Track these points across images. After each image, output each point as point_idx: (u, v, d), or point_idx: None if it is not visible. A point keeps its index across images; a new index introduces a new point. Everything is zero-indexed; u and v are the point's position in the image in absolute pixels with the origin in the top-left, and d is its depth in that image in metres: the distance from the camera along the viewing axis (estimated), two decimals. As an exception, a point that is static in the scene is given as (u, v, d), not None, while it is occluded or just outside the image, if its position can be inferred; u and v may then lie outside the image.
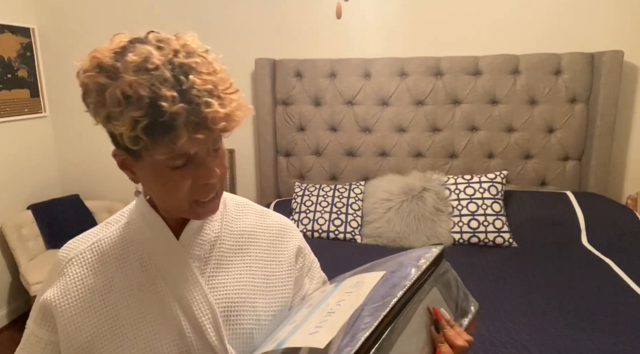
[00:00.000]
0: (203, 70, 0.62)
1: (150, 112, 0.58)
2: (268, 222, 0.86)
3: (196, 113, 0.59)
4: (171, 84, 0.59)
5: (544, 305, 1.63)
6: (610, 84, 2.35)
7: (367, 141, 2.66)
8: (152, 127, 0.59)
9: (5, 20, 2.68)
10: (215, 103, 0.60)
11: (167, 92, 0.58)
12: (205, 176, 0.66)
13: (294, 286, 0.85)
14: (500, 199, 2.32)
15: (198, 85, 0.60)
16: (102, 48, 0.64)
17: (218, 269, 0.76)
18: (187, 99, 0.59)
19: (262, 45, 2.75)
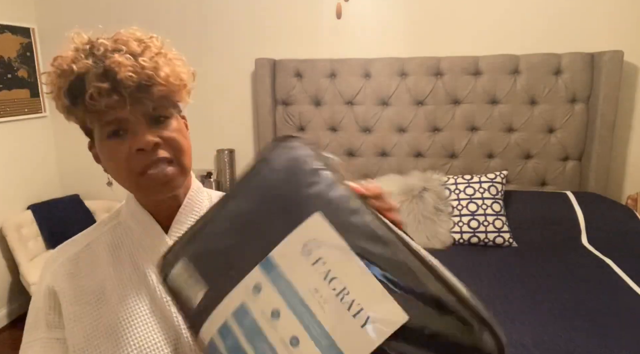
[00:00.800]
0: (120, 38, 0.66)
1: (67, 77, 0.64)
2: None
3: (100, 66, 0.63)
4: (83, 48, 0.65)
5: (544, 305, 1.63)
6: (610, 84, 2.35)
7: (367, 141, 2.66)
8: (70, 90, 0.64)
9: (5, 20, 2.68)
10: (117, 56, 0.64)
11: (76, 55, 0.65)
12: (136, 143, 0.65)
13: None
14: (500, 199, 2.32)
15: (107, 44, 0.65)
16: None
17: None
18: (93, 57, 0.64)
19: (262, 45, 2.75)
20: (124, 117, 0.65)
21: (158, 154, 0.67)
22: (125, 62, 0.63)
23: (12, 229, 2.59)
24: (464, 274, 1.90)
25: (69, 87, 0.64)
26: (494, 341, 0.45)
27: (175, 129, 0.70)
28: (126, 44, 0.65)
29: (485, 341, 0.45)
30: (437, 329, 0.45)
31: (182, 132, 0.71)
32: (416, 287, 0.47)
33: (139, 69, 0.64)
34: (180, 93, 0.71)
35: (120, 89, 0.63)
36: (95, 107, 0.63)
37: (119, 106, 0.64)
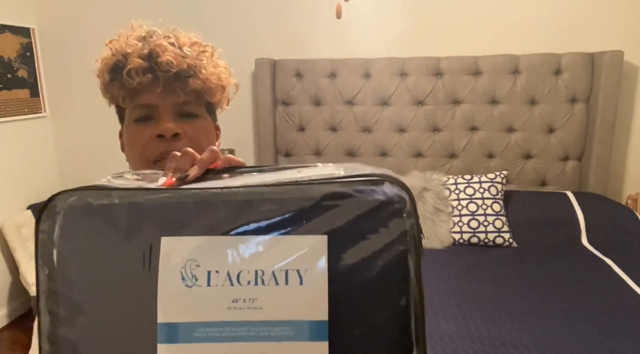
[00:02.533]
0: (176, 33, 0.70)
1: (115, 56, 0.68)
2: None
3: (147, 47, 0.65)
4: (139, 36, 0.69)
5: (544, 305, 1.63)
6: (610, 84, 2.35)
7: (367, 141, 2.66)
8: (113, 66, 0.67)
9: (5, 20, 2.67)
10: (164, 40, 0.66)
11: (129, 38, 0.68)
12: (156, 128, 0.65)
13: None
14: (500, 199, 2.32)
15: (159, 35, 0.68)
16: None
17: None
18: (142, 39, 0.67)
19: (262, 45, 2.75)
20: (155, 103, 0.66)
21: (176, 145, 0.65)
22: (169, 48, 0.65)
23: (12, 229, 2.59)
24: (464, 274, 1.90)
25: (113, 63, 0.67)
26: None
27: (201, 127, 0.69)
28: (179, 37, 0.68)
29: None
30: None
31: (208, 134, 0.70)
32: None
33: (180, 57, 0.65)
34: (216, 95, 0.70)
35: (157, 72, 0.64)
36: (130, 84, 0.64)
37: (152, 87, 0.65)
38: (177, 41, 0.67)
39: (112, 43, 0.69)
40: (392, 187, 0.40)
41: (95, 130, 2.97)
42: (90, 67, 0.74)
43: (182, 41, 0.68)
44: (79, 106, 2.95)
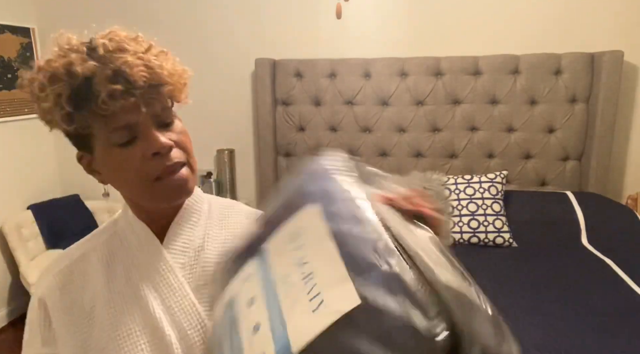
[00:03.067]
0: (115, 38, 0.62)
1: (68, 81, 0.59)
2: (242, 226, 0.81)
3: (110, 67, 0.59)
4: (80, 50, 0.61)
5: (544, 305, 1.63)
6: (610, 84, 2.35)
7: (367, 141, 2.66)
8: (74, 96, 0.59)
9: (5, 20, 2.67)
10: (126, 55, 0.60)
11: (76, 57, 0.60)
12: (151, 146, 0.62)
13: None
14: (500, 199, 2.32)
15: (108, 45, 0.61)
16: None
17: (204, 278, 0.71)
18: (97, 57, 0.60)
19: (262, 45, 2.75)
20: (134, 122, 0.61)
21: (173, 158, 0.64)
22: (135, 62, 0.60)
23: (12, 229, 2.59)
24: (464, 274, 1.90)
25: (72, 92, 0.59)
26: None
27: (181, 130, 0.68)
28: (127, 43, 0.62)
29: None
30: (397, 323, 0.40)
31: (186, 133, 0.69)
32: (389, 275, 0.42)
33: (148, 68, 0.61)
34: (183, 93, 0.69)
35: (133, 91, 0.59)
36: (107, 111, 0.59)
37: (134, 109, 0.60)
38: (131, 47, 0.62)
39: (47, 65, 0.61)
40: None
41: (95, 130, 2.97)
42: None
43: (134, 46, 0.62)
44: (79, 106, 2.95)
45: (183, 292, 0.68)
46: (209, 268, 0.71)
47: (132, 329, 0.66)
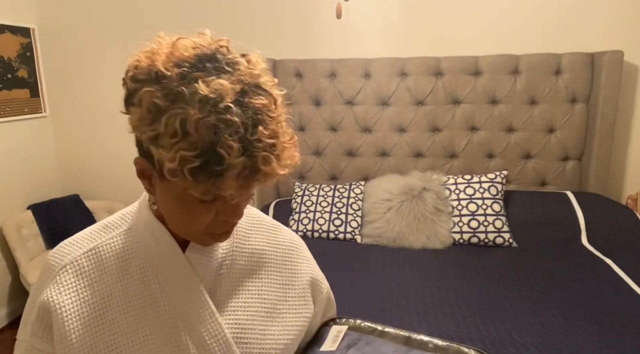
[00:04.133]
0: (269, 116, 0.57)
1: (205, 155, 0.52)
2: (280, 240, 0.80)
3: (252, 168, 0.55)
4: (237, 132, 0.53)
5: (544, 305, 1.63)
6: (610, 84, 2.35)
7: (367, 141, 2.66)
8: (201, 170, 0.53)
9: (5, 20, 2.68)
10: (274, 161, 0.56)
11: (231, 142, 0.52)
12: (231, 215, 0.62)
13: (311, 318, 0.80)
14: (500, 199, 2.32)
15: (263, 138, 0.55)
16: (161, 51, 0.57)
17: (227, 291, 0.69)
18: (248, 152, 0.54)
19: (262, 45, 2.75)
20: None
21: (234, 223, 0.65)
22: (276, 171, 0.57)
23: (12, 229, 2.59)
24: (464, 274, 1.90)
25: (203, 166, 0.53)
26: None
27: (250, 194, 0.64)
28: (277, 135, 0.57)
29: None
30: None
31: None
32: None
33: (282, 175, 0.58)
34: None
35: (257, 181, 0.57)
36: (225, 193, 0.56)
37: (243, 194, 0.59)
38: (263, 108, 0.56)
39: (193, 126, 0.52)
40: None
41: (95, 130, 2.97)
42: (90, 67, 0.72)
43: (266, 110, 0.56)
44: (79, 106, 2.95)
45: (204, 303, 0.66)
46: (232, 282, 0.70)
47: (149, 333, 0.64)
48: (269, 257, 0.77)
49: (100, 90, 2.90)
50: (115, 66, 2.85)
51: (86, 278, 0.66)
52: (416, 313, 1.59)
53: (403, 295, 1.71)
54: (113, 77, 2.87)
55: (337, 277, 1.87)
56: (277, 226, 0.82)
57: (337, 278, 1.87)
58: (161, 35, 0.61)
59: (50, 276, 0.67)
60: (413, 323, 1.52)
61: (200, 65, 0.55)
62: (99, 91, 2.90)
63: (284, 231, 0.83)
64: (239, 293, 0.71)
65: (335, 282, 1.82)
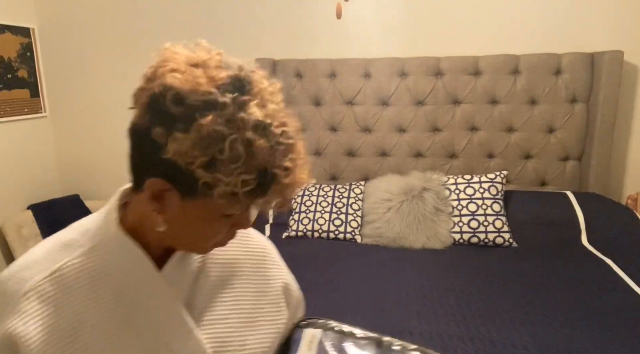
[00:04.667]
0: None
1: (262, 177, 0.55)
2: (251, 246, 0.79)
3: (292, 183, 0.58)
4: (285, 152, 0.57)
5: (544, 305, 1.63)
6: (610, 84, 2.35)
7: (367, 141, 2.66)
8: (255, 191, 0.55)
9: (5, 20, 2.67)
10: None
11: (284, 162, 0.56)
12: (244, 225, 0.64)
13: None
14: (500, 199, 2.32)
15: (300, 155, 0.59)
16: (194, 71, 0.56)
17: (204, 304, 0.68)
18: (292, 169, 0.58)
19: (262, 45, 2.75)
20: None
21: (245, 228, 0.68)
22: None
23: (12, 229, 2.59)
24: (464, 274, 1.90)
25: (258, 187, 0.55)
26: None
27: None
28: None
29: None
30: None
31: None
32: None
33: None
34: None
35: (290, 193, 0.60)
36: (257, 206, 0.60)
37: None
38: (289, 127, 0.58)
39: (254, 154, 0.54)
40: None
41: (95, 130, 2.97)
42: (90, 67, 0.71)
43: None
44: (79, 106, 2.95)
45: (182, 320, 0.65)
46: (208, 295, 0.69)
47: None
48: (242, 266, 0.76)
49: (100, 90, 2.90)
50: (115, 66, 2.85)
51: (52, 303, 0.61)
52: (416, 312, 1.59)
53: (403, 295, 1.71)
54: (113, 77, 2.87)
55: (337, 277, 1.88)
56: (246, 232, 0.80)
57: (337, 278, 1.87)
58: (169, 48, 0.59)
59: (10, 306, 0.61)
60: (413, 323, 1.52)
61: (243, 89, 0.56)
62: (98, 91, 2.90)
63: (254, 236, 0.81)
64: (215, 305, 0.70)
65: (335, 282, 1.82)
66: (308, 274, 1.89)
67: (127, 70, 2.82)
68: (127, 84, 2.83)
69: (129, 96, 0.60)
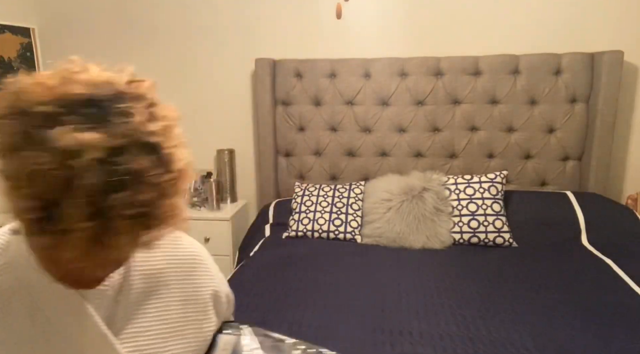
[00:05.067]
0: (148, 182, 0.54)
1: (46, 211, 0.50)
2: (180, 254, 0.76)
3: (106, 235, 0.54)
4: (89, 194, 0.51)
5: (544, 305, 1.63)
6: (610, 84, 2.35)
7: (367, 141, 2.66)
8: (39, 224, 0.51)
9: (5, 20, 2.68)
10: (133, 231, 0.54)
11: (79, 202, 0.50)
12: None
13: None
14: (500, 199, 2.32)
15: (125, 206, 0.53)
16: (48, 80, 0.53)
17: (126, 317, 0.66)
18: (102, 217, 0.52)
19: (262, 45, 2.75)
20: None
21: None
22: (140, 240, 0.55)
23: (12, 229, 2.58)
24: (464, 274, 1.90)
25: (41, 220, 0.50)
26: None
27: None
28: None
29: None
30: None
31: None
32: None
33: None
34: None
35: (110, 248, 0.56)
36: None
37: None
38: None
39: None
40: None
41: (95, 130, 2.97)
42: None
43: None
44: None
45: (101, 336, 0.62)
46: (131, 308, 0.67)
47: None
48: (169, 275, 0.73)
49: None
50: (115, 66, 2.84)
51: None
52: (416, 312, 1.59)
53: (403, 295, 1.71)
54: (113, 77, 2.87)
55: (337, 277, 1.88)
56: (176, 238, 0.77)
57: (337, 278, 1.87)
58: (74, 61, 0.55)
59: None
60: (413, 323, 1.52)
61: (80, 110, 0.50)
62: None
63: (185, 243, 0.78)
64: (138, 317, 0.67)
65: (335, 282, 1.82)
66: (308, 274, 1.89)
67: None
68: (127, 84, 2.83)
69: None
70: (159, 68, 2.80)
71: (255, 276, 1.89)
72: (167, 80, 2.81)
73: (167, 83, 2.81)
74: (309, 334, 1.45)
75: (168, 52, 2.79)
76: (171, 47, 2.78)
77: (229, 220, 2.59)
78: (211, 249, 2.62)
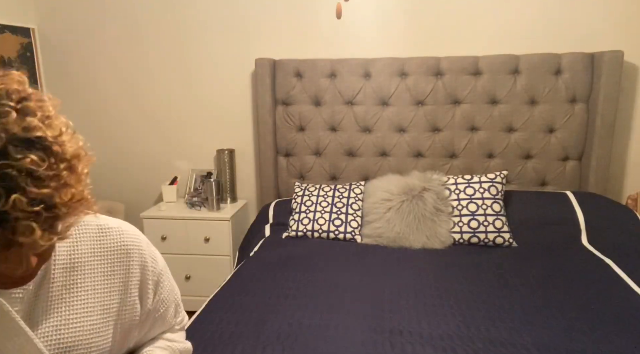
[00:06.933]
0: (41, 176, 0.53)
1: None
2: (108, 245, 0.74)
3: (7, 240, 0.53)
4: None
5: (544, 305, 1.63)
6: (610, 84, 2.35)
7: (367, 141, 2.66)
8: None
9: (5, 20, 2.68)
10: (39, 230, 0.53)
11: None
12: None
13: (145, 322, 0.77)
14: (500, 199, 2.32)
15: (22, 206, 0.52)
16: None
17: (48, 311, 0.65)
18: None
19: (262, 45, 2.75)
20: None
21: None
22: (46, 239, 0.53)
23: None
24: (464, 274, 1.90)
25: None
26: None
27: None
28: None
29: None
30: None
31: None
32: None
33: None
34: None
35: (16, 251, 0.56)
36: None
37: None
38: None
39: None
40: None
41: (95, 130, 2.97)
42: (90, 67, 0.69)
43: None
44: (78, 106, 2.95)
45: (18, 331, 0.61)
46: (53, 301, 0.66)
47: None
48: (94, 266, 0.72)
49: (100, 90, 2.90)
50: (115, 66, 2.84)
51: None
52: (416, 313, 1.59)
53: (403, 295, 1.71)
54: (113, 77, 2.87)
55: (337, 277, 1.88)
56: (104, 230, 0.75)
57: (337, 278, 1.87)
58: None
59: None
60: (413, 323, 1.52)
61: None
62: (98, 90, 2.90)
63: (114, 233, 0.76)
64: (61, 310, 0.67)
65: (335, 282, 1.82)
66: (308, 274, 1.89)
67: (127, 70, 2.82)
68: (127, 84, 2.84)
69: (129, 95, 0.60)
70: (159, 68, 2.79)
71: (255, 276, 1.90)
72: (167, 80, 2.80)
73: (167, 83, 2.80)
74: (308, 334, 1.45)
75: (168, 52, 2.79)
76: (171, 47, 2.78)
77: (228, 220, 2.59)
78: (211, 249, 2.62)
